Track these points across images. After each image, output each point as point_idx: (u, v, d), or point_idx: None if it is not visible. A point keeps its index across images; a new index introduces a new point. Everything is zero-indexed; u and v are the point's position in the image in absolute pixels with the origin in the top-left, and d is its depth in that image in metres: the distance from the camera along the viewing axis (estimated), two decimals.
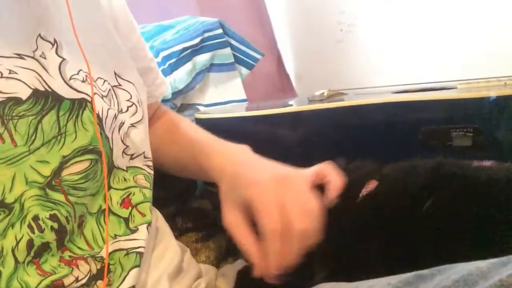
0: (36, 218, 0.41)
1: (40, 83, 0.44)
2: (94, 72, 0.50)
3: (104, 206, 0.48)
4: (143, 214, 0.51)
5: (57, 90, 0.45)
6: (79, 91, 0.46)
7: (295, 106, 0.88)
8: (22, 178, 0.41)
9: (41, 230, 0.41)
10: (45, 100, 0.44)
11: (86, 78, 0.48)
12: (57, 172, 0.43)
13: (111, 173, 0.50)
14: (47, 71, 0.45)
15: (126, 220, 0.49)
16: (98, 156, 0.47)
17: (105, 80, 0.52)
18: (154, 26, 1.16)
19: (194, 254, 0.63)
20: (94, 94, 0.48)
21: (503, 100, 0.64)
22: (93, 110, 0.47)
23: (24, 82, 0.42)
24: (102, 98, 0.49)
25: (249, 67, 1.19)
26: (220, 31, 1.12)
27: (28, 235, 0.41)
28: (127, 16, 0.63)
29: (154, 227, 0.54)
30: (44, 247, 0.42)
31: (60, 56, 0.46)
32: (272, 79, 1.47)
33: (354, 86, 1.02)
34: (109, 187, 0.49)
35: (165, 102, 1.02)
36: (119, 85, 0.54)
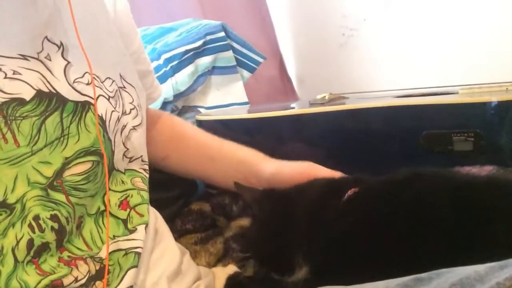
0: (37, 218, 0.42)
1: (44, 84, 0.44)
2: (103, 72, 0.50)
3: (102, 208, 0.48)
4: (141, 215, 0.51)
5: (61, 92, 0.45)
6: (83, 94, 0.47)
7: (296, 109, 0.88)
8: (24, 179, 0.41)
9: (41, 230, 0.42)
10: (49, 101, 0.44)
11: (91, 81, 0.48)
12: (59, 173, 0.43)
13: (111, 175, 0.50)
14: (51, 72, 0.45)
15: (125, 222, 0.49)
16: (99, 158, 0.47)
17: (113, 81, 0.52)
18: (156, 28, 1.16)
19: (193, 256, 0.63)
20: (100, 95, 0.48)
21: (505, 105, 0.64)
22: (95, 113, 0.47)
23: (28, 83, 0.42)
24: (108, 100, 0.50)
25: (251, 70, 1.19)
26: (223, 34, 1.12)
27: (29, 234, 0.41)
28: (130, 20, 0.63)
29: (154, 228, 0.54)
30: (44, 247, 0.42)
31: (66, 59, 0.47)
32: (274, 82, 1.47)
33: (356, 90, 1.02)
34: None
35: (166, 104, 1.02)
36: (124, 87, 0.54)
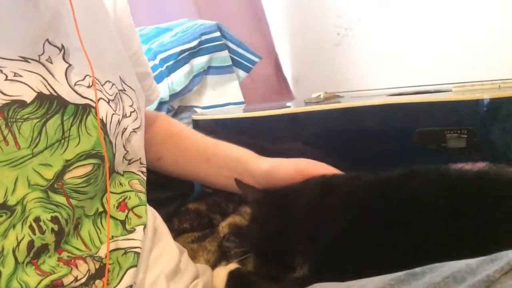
0: (37, 219, 0.42)
1: (45, 86, 0.44)
2: (102, 75, 0.50)
3: (101, 209, 0.48)
4: (139, 216, 0.51)
5: (62, 95, 0.45)
6: (83, 97, 0.47)
7: (291, 107, 0.89)
8: (25, 181, 0.41)
9: (42, 232, 0.42)
10: (49, 103, 0.44)
11: (92, 84, 0.48)
12: (59, 176, 0.43)
13: (111, 177, 0.50)
14: (53, 75, 0.45)
15: (123, 223, 0.50)
16: (100, 161, 0.47)
17: (113, 84, 0.52)
18: (152, 28, 1.16)
19: (191, 255, 0.63)
20: (100, 99, 0.48)
21: (497, 102, 0.65)
22: (96, 116, 0.47)
23: (28, 85, 0.42)
24: (108, 103, 0.50)
25: (246, 70, 1.19)
26: (218, 34, 1.12)
27: (29, 236, 0.41)
28: (130, 21, 0.63)
29: (152, 227, 0.55)
30: (43, 249, 0.42)
31: (67, 62, 0.47)
32: (269, 82, 1.48)
33: (351, 88, 1.03)
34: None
35: (162, 104, 1.02)
36: (124, 90, 0.54)
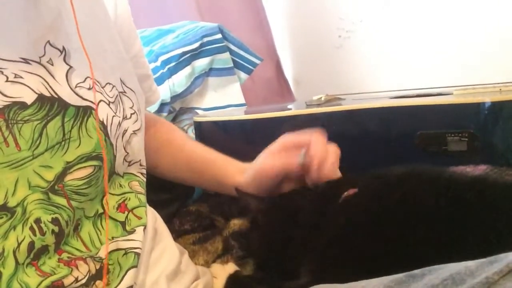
0: (38, 221, 0.42)
1: (46, 88, 0.44)
2: (103, 77, 0.50)
3: (101, 210, 0.48)
4: (139, 217, 0.51)
5: (63, 97, 0.45)
6: (84, 99, 0.47)
7: (293, 110, 0.89)
8: (25, 182, 0.42)
9: (42, 233, 0.42)
10: (50, 105, 0.44)
11: (92, 86, 0.48)
12: (60, 177, 0.44)
13: (111, 179, 0.50)
14: (53, 77, 0.45)
15: (123, 224, 0.50)
16: (101, 163, 0.47)
17: (113, 86, 0.52)
18: (154, 30, 1.17)
19: (192, 256, 0.63)
20: (100, 101, 0.48)
21: (498, 105, 0.65)
22: (96, 118, 0.47)
23: (29, 87, 0.42)
24: (109, 105, 0.50)
25: (248, 72, 1.19)
26: (219, 36, 1.13)
27: (30, 237, 0.41)
28: (131, 24, 0.63)
29: (153, 228, 0.55)
30: (43, 250, 0.42)
31: (68, 64, 0.47)
32: (271, 84, 1.48)
33: (352, 91, 1.03)
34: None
35: (163, 106, 1.03)
36: (124, 92, 0.54)
